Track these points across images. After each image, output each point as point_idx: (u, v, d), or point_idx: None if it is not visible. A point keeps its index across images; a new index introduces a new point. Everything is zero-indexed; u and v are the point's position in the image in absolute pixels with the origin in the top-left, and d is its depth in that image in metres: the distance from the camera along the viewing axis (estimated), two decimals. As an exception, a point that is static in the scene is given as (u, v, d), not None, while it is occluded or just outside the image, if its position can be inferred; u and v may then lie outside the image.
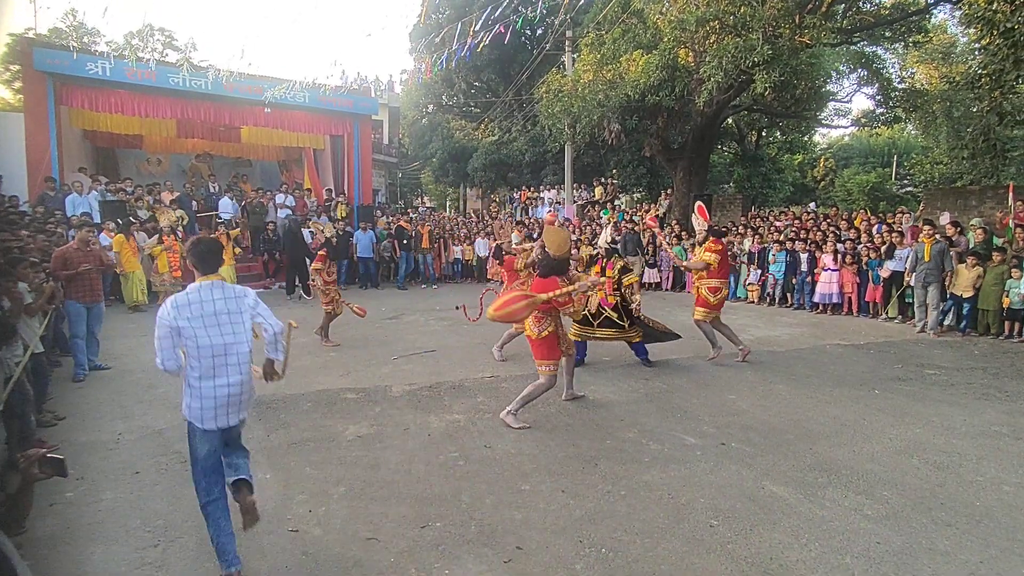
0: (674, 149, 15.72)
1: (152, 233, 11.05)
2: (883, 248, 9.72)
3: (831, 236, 10.65)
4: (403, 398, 5.47)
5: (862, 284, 9.91)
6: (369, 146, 17.82)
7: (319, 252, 7.73)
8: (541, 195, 21.03)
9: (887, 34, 14.76)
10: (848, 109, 25.50)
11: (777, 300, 11.12)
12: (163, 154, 17.12)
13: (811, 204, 22.19)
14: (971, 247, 8.88)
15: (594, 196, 20.34)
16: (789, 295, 11.00)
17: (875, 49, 14.92)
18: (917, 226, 9.40)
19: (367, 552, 3.00)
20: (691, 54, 12.68)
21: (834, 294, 10.09)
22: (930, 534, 3.16)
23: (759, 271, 11.42)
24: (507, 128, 25.62)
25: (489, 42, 10.82)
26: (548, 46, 19.68)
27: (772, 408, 5.22)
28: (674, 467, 3.98)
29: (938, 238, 8.53)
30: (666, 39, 12.22)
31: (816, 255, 10.44)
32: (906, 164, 27.85)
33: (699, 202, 7.30)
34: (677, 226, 13.84)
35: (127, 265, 10.02)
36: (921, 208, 12.99)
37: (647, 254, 13.35)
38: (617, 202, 20.05)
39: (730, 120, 21.30)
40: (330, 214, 14.50)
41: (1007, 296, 7.97)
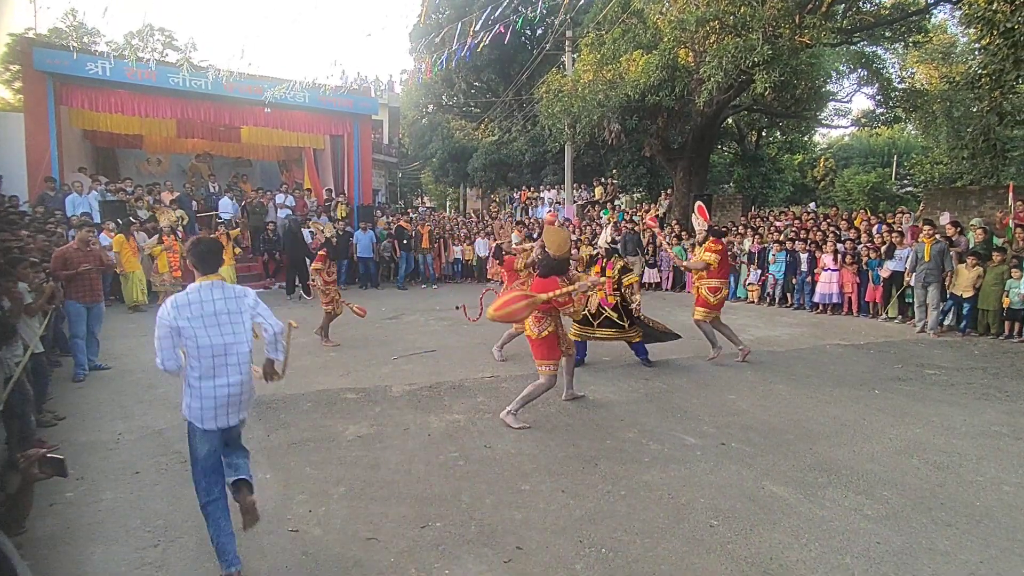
0: (674, 149, 15.72)
1: (152, 233, 11.06)
2: (883, 248, 9.73)
3: (831, 236, 10.65)
4: (403, 398, 5.47)
5: (862, 284, 9.92)
6: (369, 146, 17.81)
7: (319, 252, 7.73)
8: (541, 195, 21.03)
9: (887, 34, 14.75)
10: (848, 109, 25.54)
11: (777, 300, 11.13)
12: (163, 154, 17.12)
13: (811, 204, 22.18)
14: (971, 247, 8.88)
15: (594, 196, 20.34)
16: (789, 295, 11.00)
17: (875, 49, 14.92)
18: (917, 226, 9.40)
19: (367, 552, 3.00)
20: (691, 54, 12.68)
21: (834, 294, 10.09)
22: (930, 534, 3.16)
23: (759, 271, 11.43)
24: (507, 128, 25.61)
25: (489, 42, 10.82)
26: (548, 46, 19.68)
27: (772, 408, 5.22)
28: (674, 467, 3.98)
29: (938, 238, 8.53)
30: (666, 39, 12.22)
31: (816, 255, 10.44)
32: (906, 164, 27.85)
33: (699, 202, 7.30)
34: (677, 226, 13.84)
35: (127, 265, 10.03)
36: (921, 208, 12.99)
37: (647, 254, 13.36)
38: (617, 202, 20.05)
39: (730, 120, 21.30)
40: (330, 214, 14.49)
41: (1007, 296, 7.97)
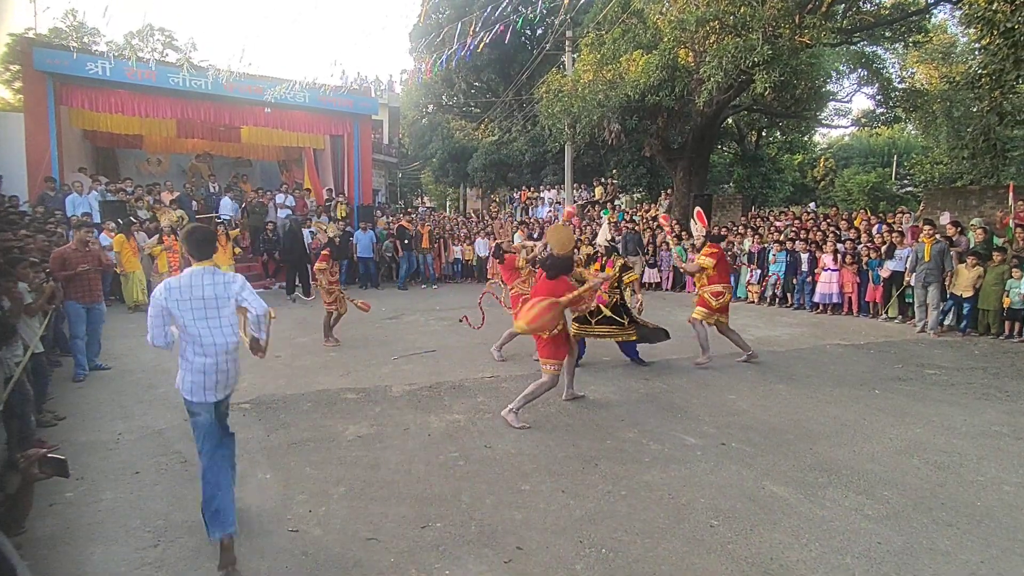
0: (674, 149, 15.72)
1: (152, 233, 11.06)
2: (883, 248, 9.72)
3: (831, 236, 10.64)
4: (403, 398, 5.47)
5: (862, 284, 9.91)
6: (369, 146, 17.81)
7: (323, 252, 7.73)
8: (541, 195, 21.04)
9: (887, 34, 14.75)
10: (848, 109, 25.52)
11: (777, 300, 11.13)
12: (163, 154, 17.11)
13: (811, 204, 22.19)
14: (971, 247, 8.88)
15: (594, 196, 20.35)
16: (789, 295, 11.00)
17: (875, 49, 14.93)
18: (917, 226, 9.40)
19: (367, 552, 3.00)
20: (691, 54, 12.67)
21: (834, 294, 10.08)
22: (931, 534, 3.16)
23: (759, 271, 11.43)
24: (507, 128, 25.61)
25: (489, 42, 10.82)
26: (548, 46, 19.67)
27: (772, 408, 5.22)
28: (674, 467, 3.98)
29: (938, 238, 8.53)
30: (666, 39, 12.22)
31: (816, 255, 10.44)
32: (906, 164, 27.85)
33: (698, 208, 7.30)
34: (677, 226, 13.84)
35: (127, 265, 10.04)
36: (921, 208, 12.98)
37: (647, 254, 13.36)
38: (617, 202, 20.07)
39: (730, 120, 21.30)
40: (330, 214, 14.49)
41: (1007, 296, 7.96)
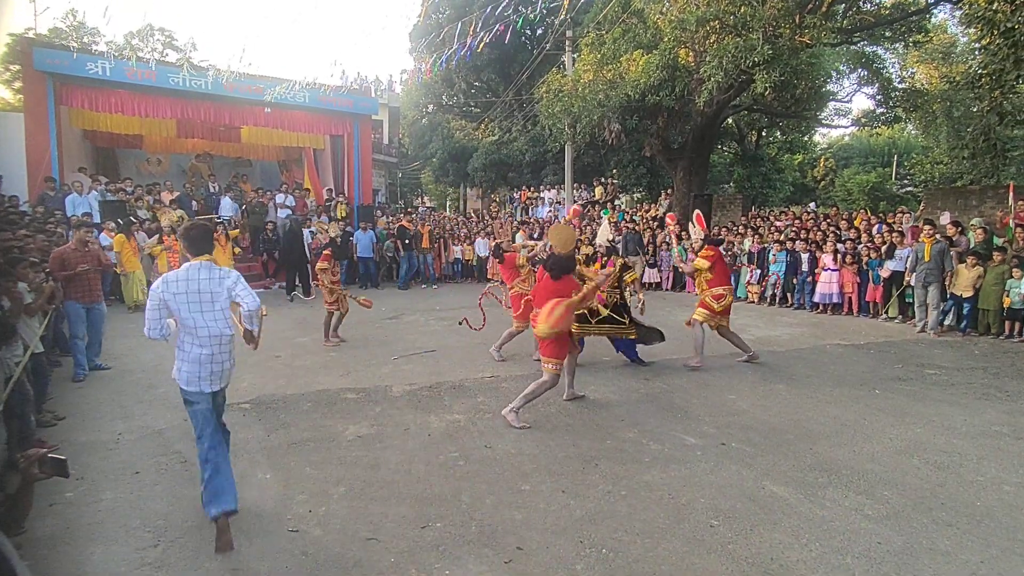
0: (674, 149, 15.72)
1: (152, 233, 11.06)
2: (883, 248, 9.72)
3: (831, 236, 10.64)
4: (403, 398, 5.47)
5: (862, 284, 9.91)
6: (369, 146, 17.81)
7: (324, 252, 7.73)
8: (541, 195, 21.03)
9: (887, 34, 14.75)
10: (848, 109, 25.52)
11: (777, 300, 11.12)
12: (163, 154, 17.11)
13: (811, 204, 22.18)
14: (971, 247, 8.87)
15: (594, 196, 20.34)
16: (789, 295, 11.00)
17: (875, 49, 14.92)
18: (917, 226, 9.39)
19: (367, 552, 3.00)
20: (691, 54, 12.67)
21: (834, 294, 10.08)
22: (931, 534, 3.16)
23: (759, 271, 11.42)
24: (507, 128, 25.61)
25: (489, 42, 10.83)
26: (548, 46, 19.67)
27: (772, 408, 5.22)
28: (674, 467, 3.98)
29: (938, 238, 8.53)
30: (666, 39, 12.22)
31: (816, 255, 10.44)
32: (906, 164, 27.84)
33: (697, 211, 7.30)
34: (677, 226, 13.84)
35: (127, 265, 10.04)
36: (921, 208, 12.99)
37: (647, 254, 13.36)
38: (617, 202, 20.06)
39: (730, 120, 21.30)
40: (330, 214, 14.50)
41: (1007, 296, 7.96)
